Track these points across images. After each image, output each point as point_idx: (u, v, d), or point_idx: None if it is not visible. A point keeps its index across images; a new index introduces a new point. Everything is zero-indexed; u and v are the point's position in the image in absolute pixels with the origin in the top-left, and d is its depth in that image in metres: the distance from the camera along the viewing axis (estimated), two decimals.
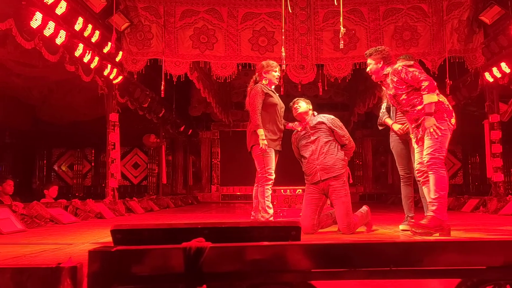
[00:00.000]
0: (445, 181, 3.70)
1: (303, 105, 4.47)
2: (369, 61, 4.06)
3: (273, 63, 4.74)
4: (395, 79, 3.87)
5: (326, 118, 4.41)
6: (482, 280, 1.22)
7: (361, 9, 8.18)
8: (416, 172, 4.11)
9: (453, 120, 3.78)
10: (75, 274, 1.12)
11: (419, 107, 3.81)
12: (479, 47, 7.92)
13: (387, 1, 8.13)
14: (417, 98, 3.82)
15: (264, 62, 4.79)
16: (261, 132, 4.37)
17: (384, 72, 3.98)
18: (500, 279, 1.20)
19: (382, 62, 3.97)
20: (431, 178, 3.72)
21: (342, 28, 5.85)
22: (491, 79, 7.81)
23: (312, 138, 4.33)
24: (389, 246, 1.12)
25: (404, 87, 3.85)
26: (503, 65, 7.38)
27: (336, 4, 6.25)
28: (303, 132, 4.43)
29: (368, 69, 4.11)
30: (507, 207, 6.90)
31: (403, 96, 3.89)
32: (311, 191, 4.34)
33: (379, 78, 4.07)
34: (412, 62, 4.03)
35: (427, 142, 3.75)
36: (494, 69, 7.58)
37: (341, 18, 6.07)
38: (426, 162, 3.74)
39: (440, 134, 3.67)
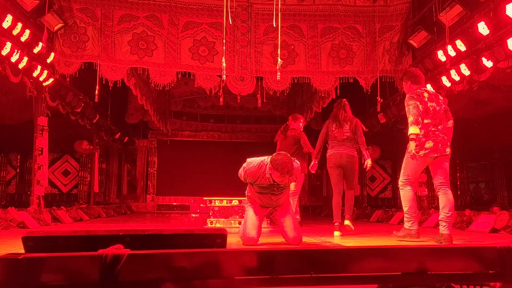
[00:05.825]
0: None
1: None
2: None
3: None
4: None
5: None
6: (397, 286, 1.27)
7: (300, 25, 8.40)
8: None
9: (421, 152, 4.43)
10: None
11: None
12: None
13: (325, 20, 8.42)
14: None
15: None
16: None
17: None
18: (413, 284, 1.26)
19: (409, 82, 4.84)
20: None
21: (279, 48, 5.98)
22: None
23: (277, 193, 4.17)
24: (309, 253, 1.13)
25: None
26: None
27: (274, 26, 6.41)
28: (269, 184, 4.06)
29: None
30: (430, 220, 7.32)
31: None
32: (258, 206, 4.27)
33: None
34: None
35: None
36: None
37: (279, 34, 6.22)
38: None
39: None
